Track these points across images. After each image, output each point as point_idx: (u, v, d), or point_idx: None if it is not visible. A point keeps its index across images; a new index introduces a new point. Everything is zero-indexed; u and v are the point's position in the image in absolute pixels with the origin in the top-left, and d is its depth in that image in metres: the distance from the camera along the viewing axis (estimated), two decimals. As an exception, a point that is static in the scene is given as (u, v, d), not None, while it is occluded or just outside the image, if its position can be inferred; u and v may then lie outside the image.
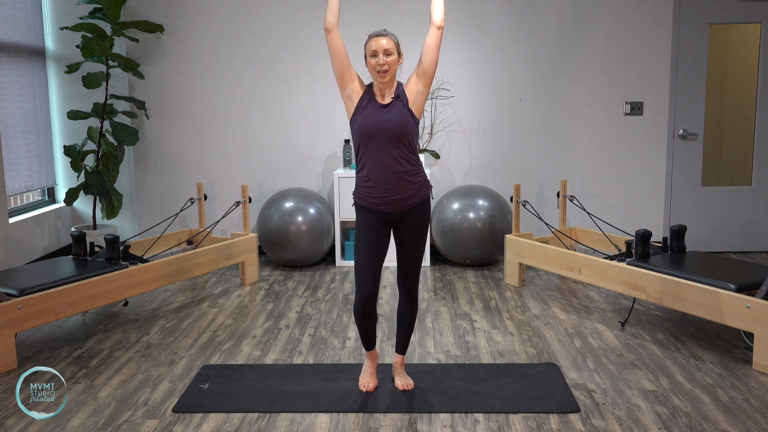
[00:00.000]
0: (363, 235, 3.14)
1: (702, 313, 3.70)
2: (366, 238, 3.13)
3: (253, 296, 4.90)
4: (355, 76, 3.12)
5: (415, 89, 3.08)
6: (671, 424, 2.97)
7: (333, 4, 3.05)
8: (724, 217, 5.95)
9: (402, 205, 3.10)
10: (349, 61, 3.10)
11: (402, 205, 3.10)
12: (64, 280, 3.95)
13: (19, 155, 5.38)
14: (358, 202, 3.17)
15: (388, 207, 3.09)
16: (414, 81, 3.09)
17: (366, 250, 3.13)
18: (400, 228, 3.17)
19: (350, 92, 3.11)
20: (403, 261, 3.22)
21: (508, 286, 5.09)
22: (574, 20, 5.77)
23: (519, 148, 5.94)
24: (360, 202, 3.15)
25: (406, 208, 3.12)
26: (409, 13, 5.73)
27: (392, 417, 3.06)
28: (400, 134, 3.03)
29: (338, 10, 3.06)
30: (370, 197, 3.10)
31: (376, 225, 3.13)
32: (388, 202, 3.08)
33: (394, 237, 3.22)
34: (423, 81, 3.08)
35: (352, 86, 3.10)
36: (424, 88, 3.08)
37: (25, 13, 5.46)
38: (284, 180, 5.99)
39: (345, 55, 3.08)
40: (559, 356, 3.73)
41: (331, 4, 3.05)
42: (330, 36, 3.06)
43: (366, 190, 3.11)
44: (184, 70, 5.90)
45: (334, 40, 3.06)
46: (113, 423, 3.03)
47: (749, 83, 5.91)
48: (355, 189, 3.17)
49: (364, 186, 3.11)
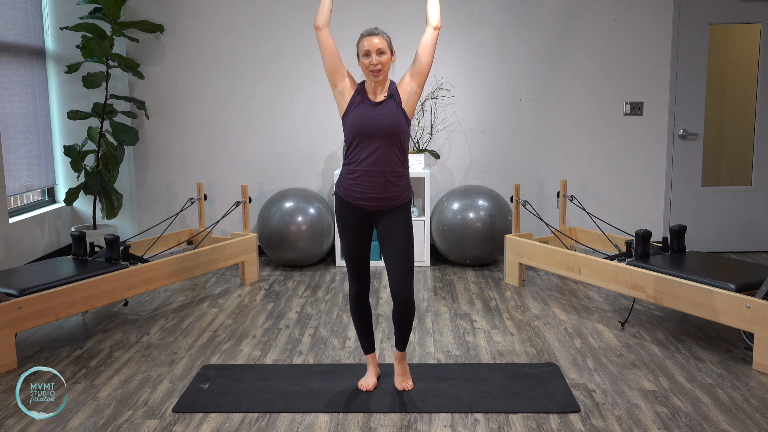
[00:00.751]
0: (344, 231, 3.20)
1: (702, 313, 3.70)
2: (348, 233, 3.18)
3: (253, 296, 4.90)
4: (346, 73, 3.14)
5: (408, 89, 3.10)
6: (671, 424, 2.97)
7: (325, 3, 3.07)
8: (724, 217, 5.95)
9: (381, 205, 3.11)
10: (340, 59, 3.12)
11: (381, 204, 3.11)
12: (64, 280, 3.95)
13: (19, 155, 5.38)
14: (338, 194, 3.18)
15: (368, 203, 3.11)
16: (407, 80, 3.11)
17: (349, 245, 3.20)
18: (380, 228, 3.17)
19: (342, 90, 3.12)
20: (391, 270, 3.16)
21: (508, 286, 5.09)
22: (574, 20, 5.78)
23: (519, 148, 5.94)
24: (341, 194, 3.16)
25: (384, 208, 3.13)
26: (407, 12, 5.73)
27: (392, 417, 3.06)
28: (392, 132, 3.04)
29: (329, 9, 3.09)
30: (351, 190, 3.11)
31: (355, 220, 3.16)
32: (369, 198, 3.09)
33: (380, 246, 3.21)
34: (416, 81, 3.10)
35: (343, 84, 3.12)
36: (417, 87, 3.10)
37: (25, 13, 5.46)
38: (284, 180, 5.99)
39: (336, 53, 3.10)
40: (559, 356, 3.73)
41: (323, 2, 3.07)
42: (320, 34, 3.08)
43: (349, 182, 3.11)
44: (184, 70, 5.91)
45: (325, 38, 3.08)
46: (113, 423, 3.03)
47: (749, 83, 5.91)
48: (338, 180, 3.18)
49: (348, 178, 3.12)
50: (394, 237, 3.13)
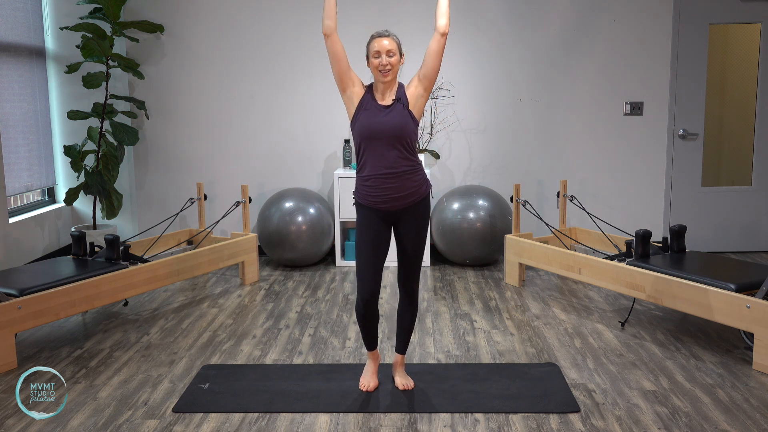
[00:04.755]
0: (363, 234, 3.17)
1: (702, 313, 3.70)
2: (367, 236, 3.16)
3: (253, 296, 4.90)
4: (355, 78, 3.15)
5: (415, 92, 3.13)
6: (671, 424, 2.97)
7: (330, 9, 3.08)
8: (724, 217, 5.95)
9: (401, 203, 3.12)
10: (348, 64, 3.13)
11: (401, 203, 3.12)
12: (64, 280, 3.95)
13: (19, 155, 5.38)
14: (358, 201, 3.19)
15: (388, 205, 3.12)
16: (415, 84, 3.13)
17: (367, 249, 3.16)
18: (400, 227, 3.19)
19: (351, 95, 3.14)
20: (403, 261, 3.24)
21: (508, 286, 5.09)
22: (575, 20, 5.77)
23: (519, 148, 5.94)
24: (360, 201, 3.18)
25: (405, 206, 3.14)
26: (411, 14, 5.73)
27: (392, 417, 3.06)
28: (401, 135, 3.07)
29: (335, 15, 3.09)
30: (369, 196, 3.12)
31: (377, 223, 3.15)
32: (388, 200, 3.10)
33: (394, 236, 3.24)
34: (424, 85, 3.13)
35: (352, 89, 3.14)
36: (424, 91, 3.13)
37: (25, 13, 5.46)
38: (284, 180, 5.99)
39: (345, 59, 3.11)
40: (559, 356, 3.73)
41: (328, 8, 3.08)
42: (329, 41, 3.09)
43: (366, 189, 3.13)
44: (184, 70, 5.90)
45: (334, 44, 3.08)
46: (113, 423, 3.03)
47: (749, 83, 5.91)
48: (356, 188, 3.20)
49: (364, 185, 3.14)
50: (413, 230, 3.18)
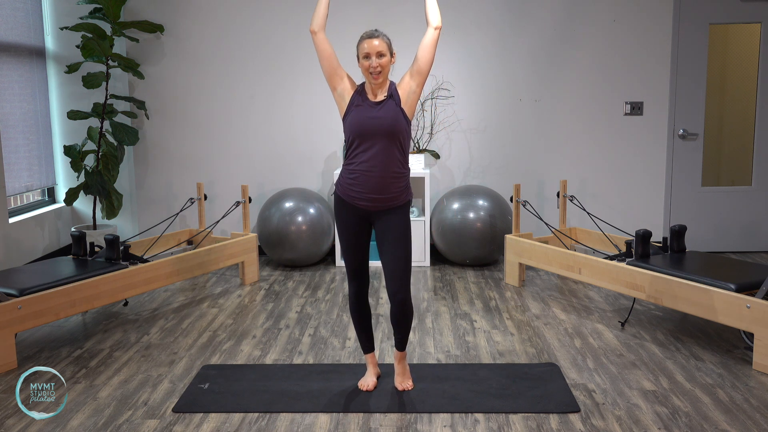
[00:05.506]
0: (343, 231, 3.21)
1: (702, 313, 3.70)
2: (346, 233, 3.19)
3: (253, 296, 4.90)
4: (344, 75, 3.15)
5: (407, 88, 3.11)
6: (671, 424, 2.97)
7: (321, 7, 3.10)
8: (724, 217, 5.95)
9: (379, 205, 3.12)
10: (337, 61, 3.14)
11: (379, 204, 3.12)
12: (64, 280, 3.95)
13: (19, 155, 5.38)
14: (338, 194, 3.19)
15: (366, 204, 3.12)
16: (407, 80, 3.12)
17: (347, 244, 3.20)
18: (377, 228, 3.17)
19: (342, 91, 3.15)
20: (385, 271, 3.18)
21: (508, 286, 5.09)
22: (574, 20, 5.77)
23: (519, 148, 5.94)
24: (340, 194, 3.18)
25: (382, 209, 3.13)
26: (406, 12, 5.73)
27: (392, 417, 3.06)
28: (392, 132, 3.06)
29: (325, 14, 3.11)
30: (350, 190, 3.13)
31: (354, 220, 3.17)
32: (367, 199, 3.10)
33: (376, 240, 3.22)
34: (416, 80, 3.11)
35: (342, 86, 3.14)
36: (416, 87, 3.11)
37: (25, 13, 5.46)
38: (284, 180, 5.99)
39: (333, 56, 3.12)
40: (559, 356, 3.73)
41: (319, 6, 3.10)
42: (317, 38, 3.10)
43: (348, 182, 3.13)
44: (184, 70, 5.90)
45: (321, 42, 3.10)
46: (113, 423, 3.03)
47: (749, 83, 5.91)
48: (338, 180, 3.19)
49: (347, 178, 3.14)
50: (392, 238, 3.14)
